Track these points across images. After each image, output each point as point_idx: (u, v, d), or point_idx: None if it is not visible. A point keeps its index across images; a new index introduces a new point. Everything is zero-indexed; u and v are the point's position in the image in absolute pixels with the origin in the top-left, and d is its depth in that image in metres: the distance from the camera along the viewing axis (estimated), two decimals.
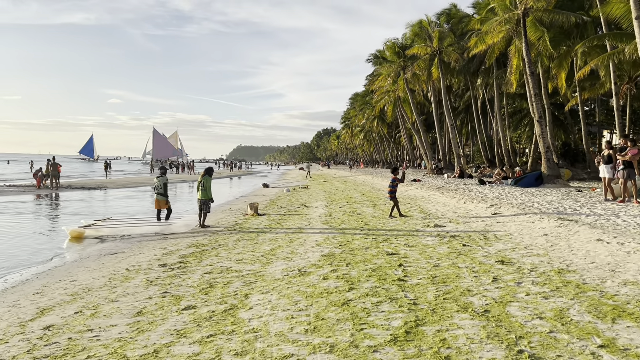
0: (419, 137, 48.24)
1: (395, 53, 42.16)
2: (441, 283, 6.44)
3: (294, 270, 7.72)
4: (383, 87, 48.38)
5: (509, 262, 7.51)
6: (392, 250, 8.97)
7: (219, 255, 9.55)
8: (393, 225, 12.57)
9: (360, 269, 7.54)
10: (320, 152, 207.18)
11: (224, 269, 8.18)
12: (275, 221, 14.92)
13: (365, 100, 79.13)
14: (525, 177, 23.22)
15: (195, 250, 10.37)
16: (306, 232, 12.22)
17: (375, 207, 17.72)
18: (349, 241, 10.25)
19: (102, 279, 8.12)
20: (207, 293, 6.69)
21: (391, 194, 14.17)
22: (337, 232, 11.85)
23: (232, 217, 16.98)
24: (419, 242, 9.71)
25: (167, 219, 14.80)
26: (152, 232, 13.73)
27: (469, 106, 54.09)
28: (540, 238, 9.30)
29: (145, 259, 9.73)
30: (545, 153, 22.68)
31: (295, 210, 17.90)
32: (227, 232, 12.93)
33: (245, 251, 9.88)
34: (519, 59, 29.02)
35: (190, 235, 12.95)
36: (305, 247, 9.95)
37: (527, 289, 5.95)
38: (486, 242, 9.36)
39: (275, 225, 14.02)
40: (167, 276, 7.93)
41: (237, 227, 13.91)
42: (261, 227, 13.64)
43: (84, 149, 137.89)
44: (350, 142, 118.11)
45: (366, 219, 14.25)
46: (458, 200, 16.91)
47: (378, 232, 11.38)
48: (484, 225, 11.46)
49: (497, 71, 37.45)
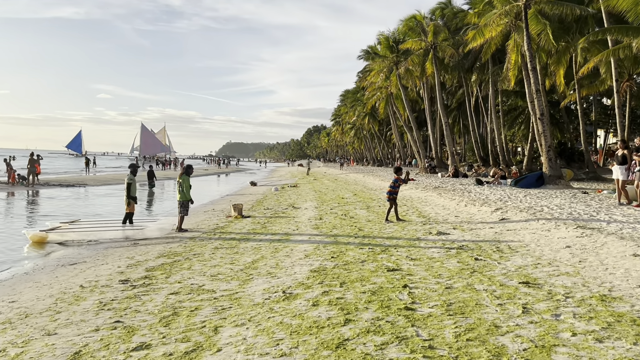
0: (411, 135, 47.04)
1: (388, 47, 40.87)
2: (459, 314, 5.17)
3: (277, 292, 6.42)
4: (375, 82, 47.08)
5: (535, 283, 6.26)
6: (393, 264, 7.69)
7: (192, 269, 8.23)
8: (391, 231, 11.31)
9: (357, 290, 6.26)
10: (311, 150, 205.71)
11: (195, 289, 6.86)
12: (260, 225, 13.61)
13: (356, 97, 77.85)
14: (526, 177, 22.08)
15: (165, 261, 9.03)
16: (294, 238, 10.92)
17: (369, 209, 16.45)
18: (342, 252, 8.96)
19: (48, 299, 6.77)
20: (169, 324, 5.37)
21: (390, 195, 12.90)
22: (328, 239, 10.57)
23: (214, 219, 15.64)
24: (423, 254, 8.44)
25: (124, 223, 13.38)
26: (122, 237, 12.37)
27: (461, 104, 53.00)
28: (563, 251, 8.07)
29: (106, 271, 8.38)
30: (547, 152, 21.54)
31: (283, 212, 16.59)
32: (205, 238, 11.59)
33: (222, 263, 8.56)
34: (518, 54, 27.92)
35: (164, 241, 11.60)
36: (292, 258, 8.66)
37: (570, 326, 4.70)
38: (501, 255, 8.11)
39: (259, 229, 12.70)
40: (126, 297, 6.60)
41: (218, 232, 12.58)
42: (244, 232, 12.32)
43: (72, 144, 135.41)
44: (341, 140, 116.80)
45: (360, 223, 12.97)
46: (458, 203, 15.69)
47: (375, 241, 10.10)
48: (493, 233, 10.23)
49: (492, 67, 36.32)
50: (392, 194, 12.88)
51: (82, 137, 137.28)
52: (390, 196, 12.89)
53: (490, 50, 33.26)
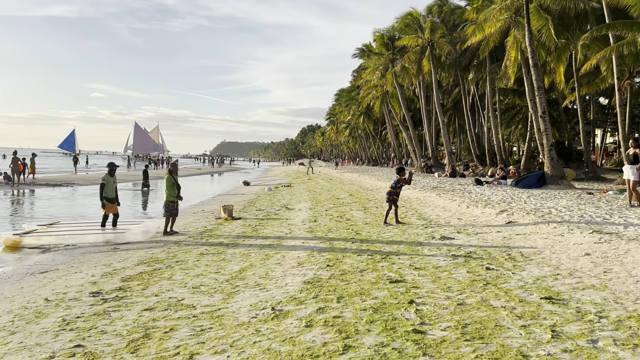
0: (407, 134, 46.35)
1: (384, 45, 40.12)
2: (477, 338, 4.40)
3: (265, 308, 5.64)
4: (371, 80, 46.36)
5: (559, 299, 5.50)
6: (395, 274, 6.92)
7: (173, 279, 7.43)
8: (390, 235, 10.53)
9: (356, 307, 5.48)
10: (305, 149, 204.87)
11: (173, 303, 6.07)
12: (251, 228, 12.81)
13: (351, 96, 77.11)
14: (527, 177, 21.39)
15: (144, 269, 8.22)
16: (286, 243, 10.13)
17: (366, 210, 15.68)
18: (339, 259, 8.18)
19: (5, 316, 5.96)
20: (137, 350, 4.58)
21: (390, 196, 12.11)
22: (323, 244, 9.78)
23: (202, 221, 14.84)
24: (428, 262, 7.67)
25: (102, 225, 12.55)
26: (103, 242, 11.53)
27: (457, 103, 52.33)
28: (583, 259, 7.32)
29: (78, 281, 7.57)
30: (549, 152, 20.85)
31: (276, 214, 15.79)
32: (191, 243, 10.78)
33: (207, 272, 7.76)
34: (518, 50, 27.25)
35: (147, 246, 10.78)
36: (284, 266, 7.87)
37: (613, 356, 3.94)
38: (514, 263, 7.35)
39: (250, 233, 11.90)
40: (94, 313, 5.79)
41: (205, 236, 11.78)
42: (233, 236, 11.52)
43: (64, 143, 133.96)
44: (335, 139, 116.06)
45: (357, 226, 12.19)
46: (459, 204, 14.95)
47: (374, 246, 9.33)
48: (502, 238, 9.47)
49: (490, 65, 35.64)
50: (393, 195, 12.11)
51: (75, 136, 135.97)
52: (390, 197, 12.13)
53: (488, 48, 32.62)
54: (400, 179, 12.16)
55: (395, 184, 12.14)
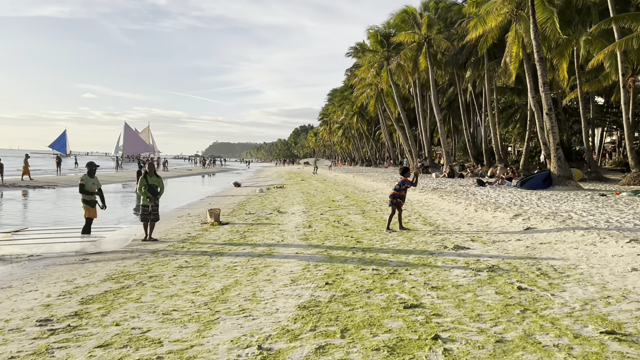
0: (402, 134, 45.23)
1: (379, 42, 38.99)
2: None
3: (251, 346, 4.42)
4: (365, 79, 45.19)
5: (624, 333, 4.33)
6: (409, 296, 5.74)
7: (142, 300, 6.20)
8: (395, 243, 9.34)
9: (366, 344, 4.29)
10: (298, 149, 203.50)
11: (135, 337, 4.84)
12: (239, 234, 11.59)
13: (344, 96, 75.97)
14: (533, 177, 20.31)
15: (111, 287, 6.98)
16: (278, 253, 8.92)
17: (365, 214, 14.48)
18: (339, 275, 6.98)
19: None
20: None
21: (394, 199, 10.94)
22: (320, 254, 8.58)
23: (187, 226, 13.60)
24: (446, 279, 6.48)
25: (83, 232, 11.27)
26: (73, 251, 10.27)
27: (451, 102, 51.27)
28: (632, 276, 6.16)
29: (28, 304, 6.32)
30: (556, 151, 19.78)
31: (267, 218, 14.58)
32: (170, 253, 9.55)
33: (183, 292, 6.54)
34: (519, 46, 26.18)
35: (120, 256, 9.53)
36: (275, 284, 6.66)
37: None
38: (549, 281, 6.19)
39: (238, 240, 10.68)
40: (33, 352, 4.56)
41: (188, 243, 10.55)
42: (219, 244, 10.29)
43: (55, 144, 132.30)
44: (328, 139, 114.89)
45: (357, 232, 10.99)
46: (466, 207, 13.79)
47: (378, 257, 8.13)
48: (524, 248, 8.30)
49: (488, 62, 34.59)
50: (397, 197, 10.94)
51: (66, 136, 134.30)
52: (393, 200, 10.95)
53: (486, 44, 31.61)
54: (404, 180, 10.99)
55: (400, 186, 10.97)
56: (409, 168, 11.59)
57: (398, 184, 11.03)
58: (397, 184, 11.10)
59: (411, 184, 11.04)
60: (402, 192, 10.96)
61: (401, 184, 10.95)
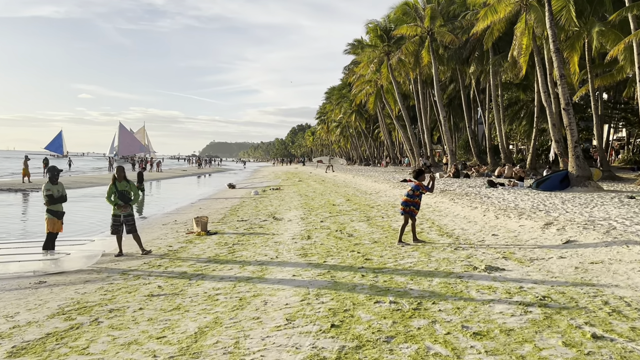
0: (404, 132, 43.72)
1: (378, 36, 37.44)
2: None
3: None
4: (364, 75, 43.64)
5: None
6: (446, 349, 4.20)
7: (89, 351, 4.67)
8: (412, 262, 7.81)
9: None
10: (295, 149, 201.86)
11: None
12: (227, 247, 10.05)
13: (342, 94, 74.45)
14: (549, 178, 18.79)
15: (58, 327, 5.45)
16: (270, 275, 7.38)
17: (371, 222, 12.94)
18: (349, 311, 5.43)
19: None
20: None
21: (407, 206, 9.43)
22: (321, 277, 7.05)
23: (170, 236, 12.06)
24: (489, 317, 4.95)
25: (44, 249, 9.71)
26: (30, 271, 8.72)
27: (452, 100, 49.70)
28: None
29: None
30: (574, 149, 18.26)
31: (260, 226, 13.03)
32: (144, 273, 8.02)
33: (145, 337, 5.00)
34: (530, 37, 24.66)
35: (83, 278, 7.98)
36: (265, 326, 5.12)
37: None
38: (629, 323, 4.65)
39: (225, 256, 9.15)
40: None
41: (168, 260, 9.03)
42: (203, 261, 8.76)
43: (51, 145, 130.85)
44: (326, 139, 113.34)
45: (363, 246, 9.46)
46: (484, 213, 12.27)
47: (394, 281, 6.59)
48: (573, 269, 6.77)
49: (494, 57, 33.08)
50: (410, 205, 9.43)
51: (62, 137, 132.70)
52: (406, 208, 9.44)
53: (492, 38, 30.21)
54: (419, 184, 9.48)
55: (413, 191, 9.45)
56: (424, 170, 10.05)
57: (411, 189, 9.52)
58: (409, 188, 9.59)
59: (427, 190, 9.53)
60: (415, 199, 9.46)
61: (415, 189, 9.45)
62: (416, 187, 9.42)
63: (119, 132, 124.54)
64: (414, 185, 9.51)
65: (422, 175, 9.62)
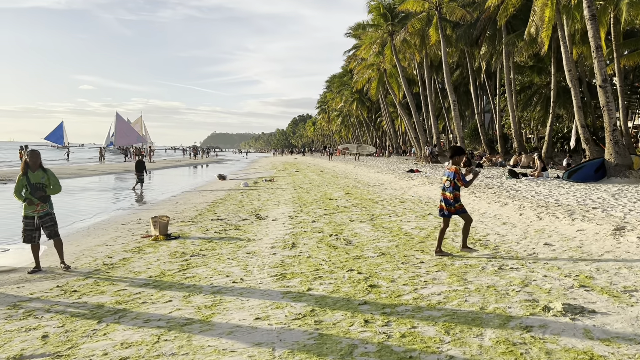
0: (408, 119, 40.99)
1: (382, 15, 34.59)
2: None
3: None
4: (366, 59, 40.79)
5: None
6: None
7: None
8: (440, 291, 5.14)
9: None
10: (296, 139, 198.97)
11: None
12: (182, 260, 7.43)
13: (343, 81, 71.51)
14: (583, 167, 16.13)
15: None
16: (222, 318, 4.74)
17: (375, 221, 10.30)
18: None
19: None
20: None
21: (449, 206, 6.76)
22: (301, 322, 4.42)
23: (121, 241, 9.47)
24: None
25: None
26: None
27: (457, 87, 46.73)
28: None
29: None
30: (612, 133, 15.59)
31: (237, 228, 10.41)
32: (45, 304, 5.42)
33: None
34: (553, 8, 21.86)
35: None
36: None
37: None
38: None
39: (172, 275, 6.53)
40: None
41: (92, 281, 6.42)
42: (138, 284, 6.15)
43: (52, 136, 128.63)
44: (327, 128, 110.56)
45: (366, 260, 6.82)
46: (519, 211, 9.61)
47: (418, 337, 3.96)
48: None
49: (507, 36, 30.25)
50: (452, 204, 6.71)
51: (63, 128, 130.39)
52: (448, 208, 6.73)
53: (506, 14, 27.50)
54: (456, 171, 6.75)
55: (450, 182, 6.74)
56: (463, 148, 7.15)
57: (447, 177, 6.81)
58: (445, 178, 6.89)
59: (463, 182, 6.79)
60: (456, 192, 6.73)
61: (451, 178, 6.74)
62: (453, 174, 6.71)
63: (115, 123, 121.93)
64: (448, 172, 6.81)
65: (460, 155, 6.86)
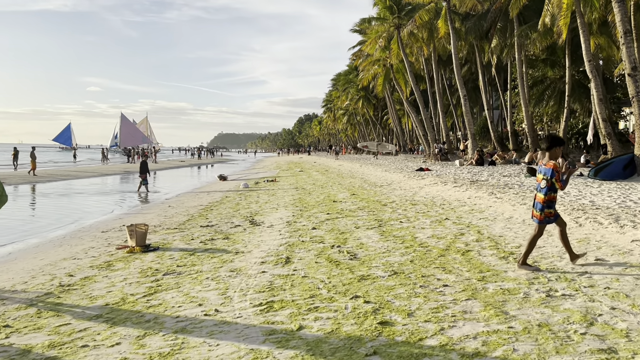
0: (416, 116, 39.60)
1: (387, 7, 33.23)
2: None
3: None
4: (371, 55, 39.46)
5: None
6: None
7: None
8: (473, 332, 3.86)
9: None
10: (302, 139, 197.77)
11: None
12: (151, 281, 6.16)
13: (349, 79, 70.18)
14: (611, 163, 14.79)
15: None
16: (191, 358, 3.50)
17: (384, 227, 9.00)
18: None
19: None
20: None
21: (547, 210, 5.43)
22: None
23: (92, 253, 8.23)
24: None
25: None
26: None
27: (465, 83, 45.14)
28: None
29: None
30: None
31: (227, 236, 9.14)
32: None
33: None
34: None
35: None
36: None
37: None
38: None
39: (134, 303, 5.26)
40: None
41: (35, 311, 5.17)
42: (89, 315, 4.90)
43: (59, 137, 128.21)
44: (333, 127, 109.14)
45: (374, 281, 5.51)
46: None
47: None
48: None
49: (519, 28, 28.84)
50: (549, 206, 5.40)
51: (71, 129, 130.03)
52: (546, 213, 5.41)
53: (519, 4, 26.15)
54: (554, 168, 5.36)
55: (547, 181, 5.39)
56: (562, 139, 5.66)
57: (543, 175, 5.46)
58: (540, 175, 5.53)
59: (561, 182, 5.36)
60: (551, 194, 5.41)
61: (548, 177, 5.39)
62: (551, 171, 5.36)
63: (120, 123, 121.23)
64: (544, 169, 5.44)
65: (559, 147, 5.49)
